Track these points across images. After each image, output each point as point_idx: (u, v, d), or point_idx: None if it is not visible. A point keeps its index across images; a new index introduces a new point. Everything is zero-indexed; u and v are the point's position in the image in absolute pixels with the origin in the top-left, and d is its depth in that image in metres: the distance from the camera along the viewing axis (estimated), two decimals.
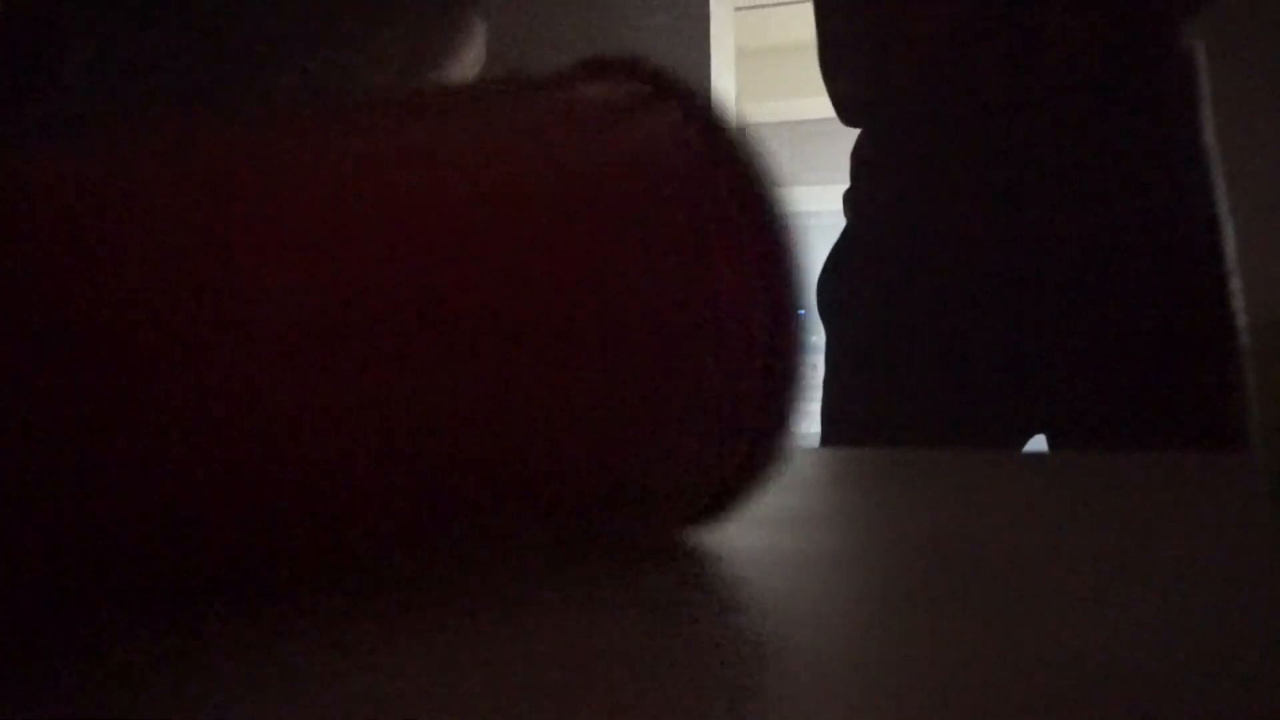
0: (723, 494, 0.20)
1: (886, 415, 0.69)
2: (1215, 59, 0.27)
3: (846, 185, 0.76)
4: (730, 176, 0.22)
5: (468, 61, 1.01)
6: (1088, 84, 0.62)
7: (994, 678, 0.11)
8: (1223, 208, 0.27)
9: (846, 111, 0.74)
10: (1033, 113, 0.63)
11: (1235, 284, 0.27)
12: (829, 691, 0.11)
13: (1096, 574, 0.17)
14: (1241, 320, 0.26)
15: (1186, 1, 0.61)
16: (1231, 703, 0.11)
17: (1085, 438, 0.65)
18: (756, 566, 0.18)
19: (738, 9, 2.78)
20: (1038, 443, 0.71)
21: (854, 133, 0.75)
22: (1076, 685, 0.11)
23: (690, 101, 0.23)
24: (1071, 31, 0.61)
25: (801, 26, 0.75)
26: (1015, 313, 0.65)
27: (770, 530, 0.22)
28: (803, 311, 0.21)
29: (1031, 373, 0.66)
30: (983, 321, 0.66)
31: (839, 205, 0.77)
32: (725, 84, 2.35)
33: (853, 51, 0.71)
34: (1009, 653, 0.12)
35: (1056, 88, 0.62)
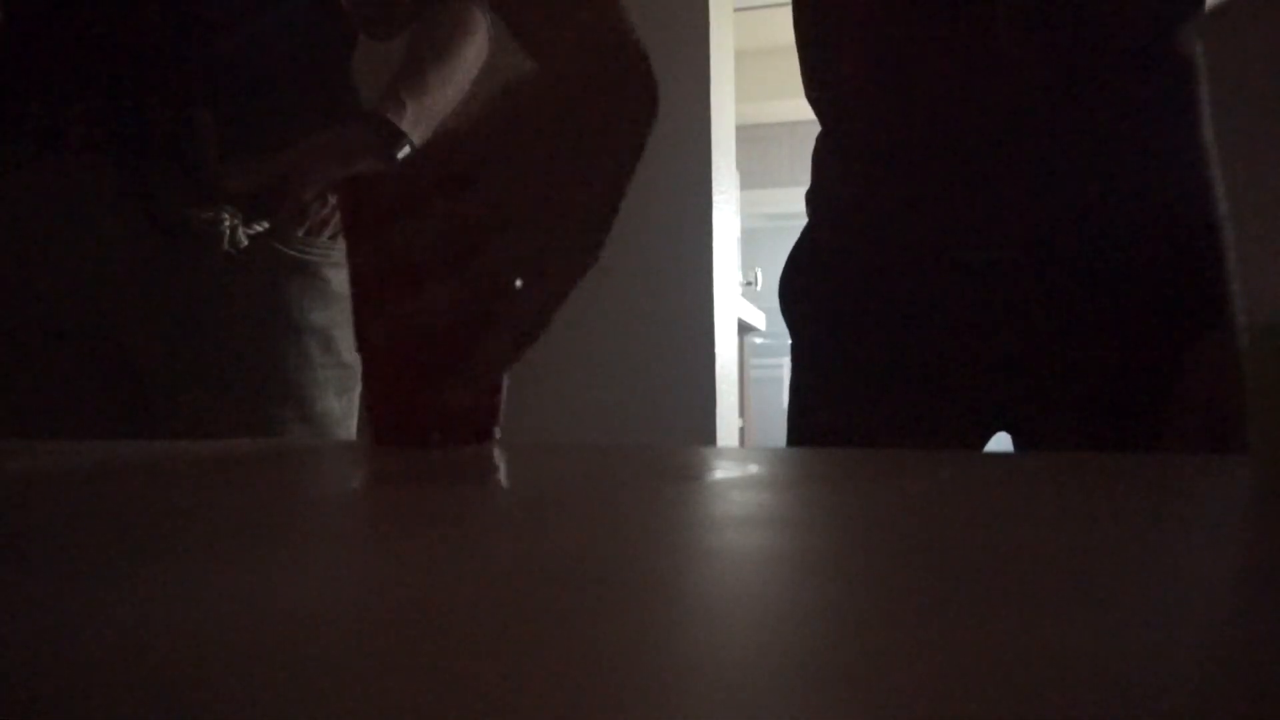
0: None
1: (851, 413, 0.69)
2: (1216, 58, 0.27)
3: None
4: None
5: (473, 56, 1.02)
6: (1051, 82, 0.62)
7: (985, 678, 0.12)
8: (1222, 209, 0.27)
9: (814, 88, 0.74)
10: (999, 108, 0.63)
11: (1235, 285, 0.27)
12: (822, 692, 0.11)
13: (1091, 574, 0.17)
14: (1240, 322, 0.26)
15: (1186, 2, 0.61)
16: (1231, 703, 0.11)
17: (1050, 436, 0.65)
18: (751, 567, 0.18)
19: (738, 9, 2.78)
20: (1003, 442, 0.71)
21: None
22: (1074, 686, 0.11)
23: None
24: (1028, 29, 0.61)
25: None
26: (978, 310, 0.65)
27: (766, 531, 0.22)
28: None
29: (996, 370, 0.66)
30: (946, 319, 0.66)
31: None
32: (725, 84, 2.36)
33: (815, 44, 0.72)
34: (1006, 655, 0.12)
35: (1018, 85, 0.62)
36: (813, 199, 0.74)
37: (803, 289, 0.73)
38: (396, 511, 0.27)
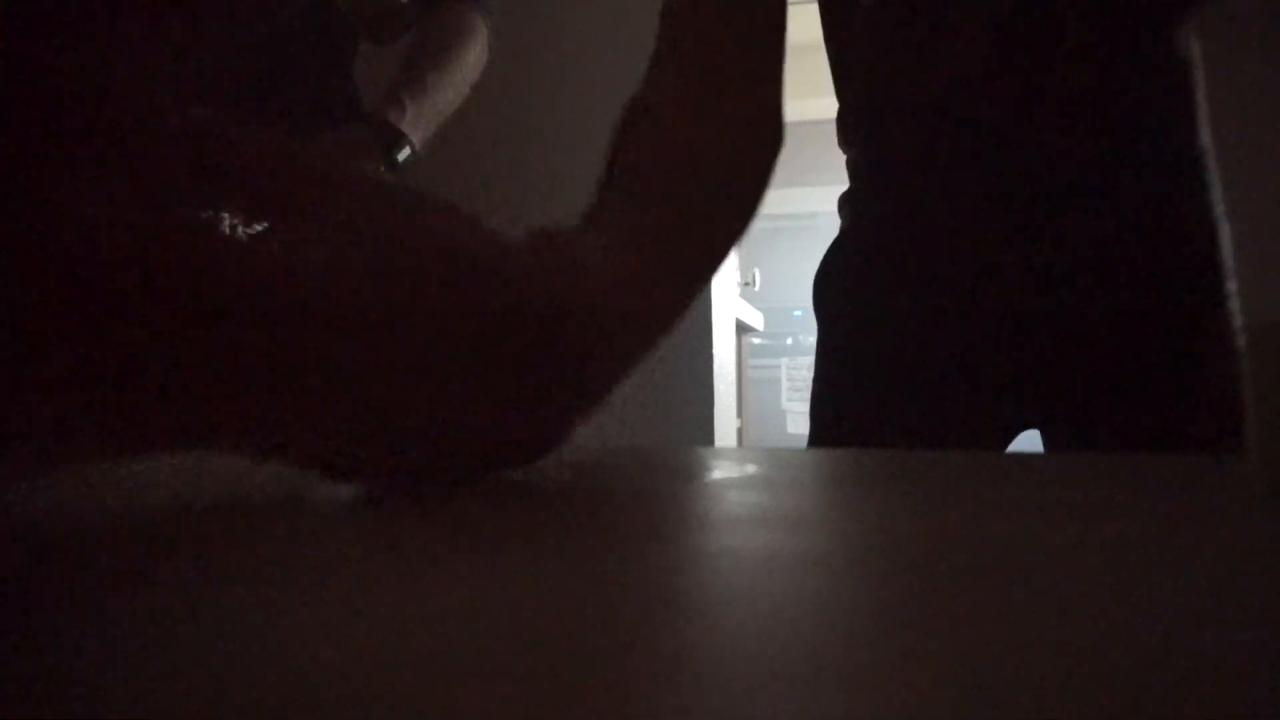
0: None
1: (878, 409, 0.69)
2: (1214, 59, 0.27)
3: (845, 187, 0.76)
4: None
5: (473, 59, 1.02)
6: (1083, 89, 0.62)
7: (991, 678, 0.12)
8: (1220, 209, 0.27)
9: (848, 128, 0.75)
10: (1027, 114, 0.63)
11: (1232, 286, 0.27)
12: (821, 691, 0.11)
13: (1094, 574, 0.17)
14: (1238, 322, 0.26)
15: (1186, 2, 0.61)
16: (1232, 703, 0.11)
17: (1078, 438, 0.66)
18: (750, 567, 0.18)
19: None
20: (1031, 439, 0.71)
21: None
22: (1076, 685, 0.11)
23: None
24: (1072, 40, 0.61)
25: (801, 28, 0.75)
26: (1010, 317, 0.66)
27: (764, 531, 0.22)
28: (799, 313, 0.22)
29: (1024, 369, 0.66)
30: (977, 325, 0.67)
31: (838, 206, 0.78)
32: None
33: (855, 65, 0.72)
34: (1006, 654, 0.12)
35: (1051, 92, 0.62)
36: (850, 202, 0.76)
37: (836, 286, 0.74)
38: (395, 516, 0.27)
